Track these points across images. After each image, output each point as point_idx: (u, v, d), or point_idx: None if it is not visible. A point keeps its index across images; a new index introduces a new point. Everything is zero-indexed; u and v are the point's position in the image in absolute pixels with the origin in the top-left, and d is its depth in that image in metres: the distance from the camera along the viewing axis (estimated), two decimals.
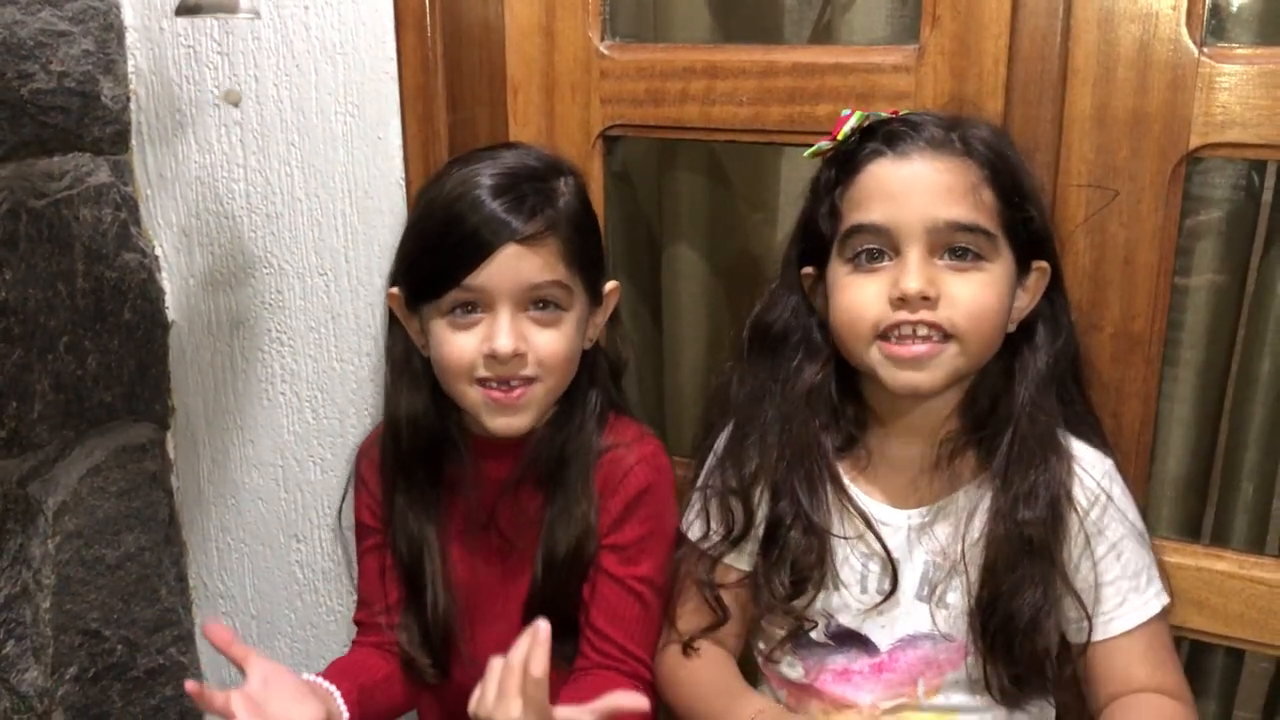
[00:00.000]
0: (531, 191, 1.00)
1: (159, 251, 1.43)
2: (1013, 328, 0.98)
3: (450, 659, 1.12)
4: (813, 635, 1.02)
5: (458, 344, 1.01)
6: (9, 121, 1.22)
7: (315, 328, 1.37)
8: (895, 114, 0.99)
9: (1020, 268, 0.96)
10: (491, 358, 1.00)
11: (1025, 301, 0.98)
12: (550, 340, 1.02)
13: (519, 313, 1.00)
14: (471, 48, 1.26)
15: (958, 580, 0.98)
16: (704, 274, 1.38)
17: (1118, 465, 1.01)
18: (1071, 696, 1.02)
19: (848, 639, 1.02)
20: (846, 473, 1.02)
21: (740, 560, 1.06)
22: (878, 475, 1.02)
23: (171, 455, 1.49)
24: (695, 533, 1.08)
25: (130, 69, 1.37)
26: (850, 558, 1.01)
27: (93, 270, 1.34)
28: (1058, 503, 0.95)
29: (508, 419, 1.03)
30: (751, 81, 1.18)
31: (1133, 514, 0.99)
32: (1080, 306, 1.07)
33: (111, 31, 1.34)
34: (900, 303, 0.91)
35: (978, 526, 0.97)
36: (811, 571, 1.00)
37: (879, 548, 0.99)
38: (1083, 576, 0.97)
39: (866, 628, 1.01)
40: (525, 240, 0.98)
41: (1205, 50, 1.01)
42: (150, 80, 1.37)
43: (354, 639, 1.17)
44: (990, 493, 0.97)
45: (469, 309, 1.01)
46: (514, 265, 0.99)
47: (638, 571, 1.06)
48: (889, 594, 0.99)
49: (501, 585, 1.11)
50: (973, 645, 0.98)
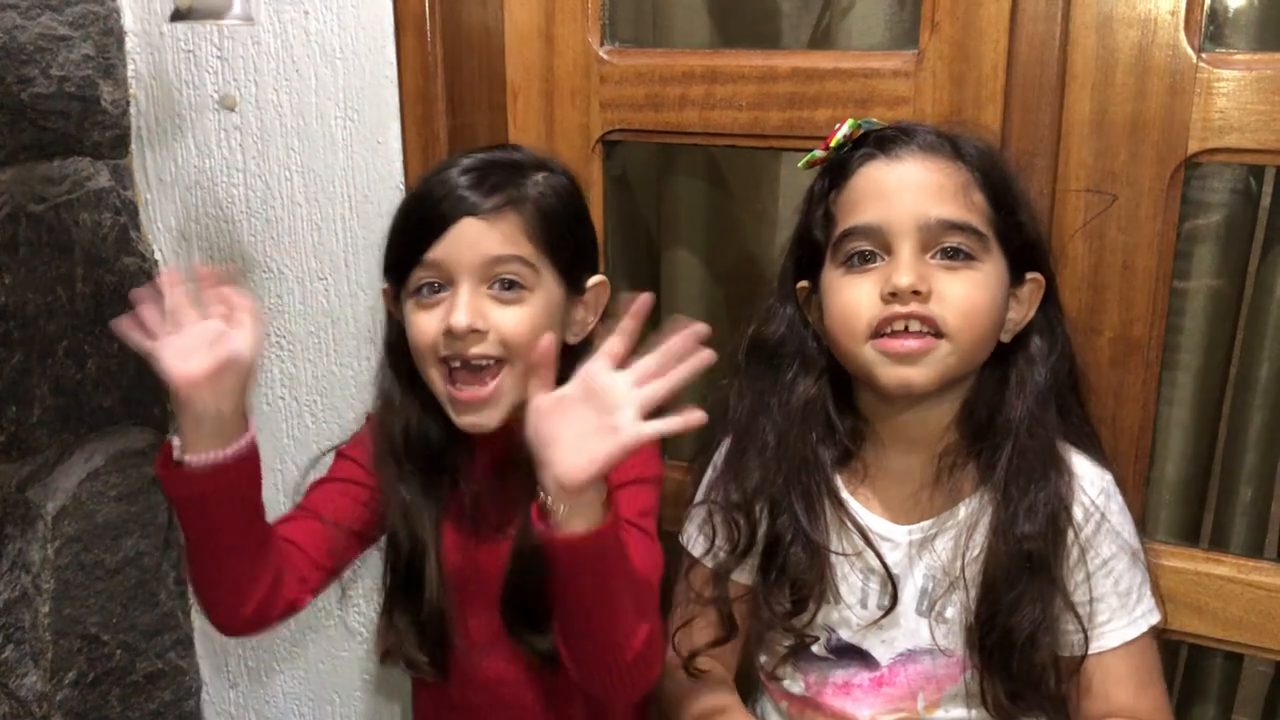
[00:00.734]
0: (498, 173, 1.00)
1: (159, 255, 1.43)
2: (1007, 338, 0.97)
3: (446, 655, 1.10)
4: (814, 649, 1.02)
5: (420, 323, 0.99)
6: (9, 126, 1.22)
7: (315, 332, 1.37)
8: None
9: (1014, 277, 0.96)
10: (449, 334, 0.98)
11: (1020, 313, 0.97)
12: (512, 318, 0.99)
13: (479, 288, 0.99)
14: (471, 52, 1.26)
15: (957, 595, 0.97)
16: (703, 278, 1.38)
17: (1117, 478, 1.00)
18: (1071, 711, 1.01)
19: (848, 653, 1.01)
20: (845, 486, 1.02)
21: (743, 574, 1.05)
22: (876, 489, 1.01)
23: None
24: (699, 548, 1.07)
25: (130, 73, 1.37)
26: (850, 574, 1.00)
27: (92, 274, 1.34)
28: (1057, 518, 0.95)
29: (474, 417, 1.00)
30: (751, 86, 1.18)
31: (1128, 531, 0.98)
32: (1079, 311, 1.08)
33: (111, 36, 1.34)
34: (892, 297, 0.91)
35: (978, 542, 0.96)
36: (812, 588, 0.99)
37: (878, 564, 0.98)
38: (1079, 590, 0.96)
39: (867, 642, 1.01)
40: (484, 214, 0.98)
41: (1203, 56, 1.01)
42: (150, 85, 1.37)
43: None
44: (990, 507, 0.96)
45: (434, 289, 1.00)
46: (472, 238, 0.98)
47: (636, 507, 1.02)
48: (888, 610, 0.99)
49: (490, 571, 1.09)
50: (971, 660, 0.97)
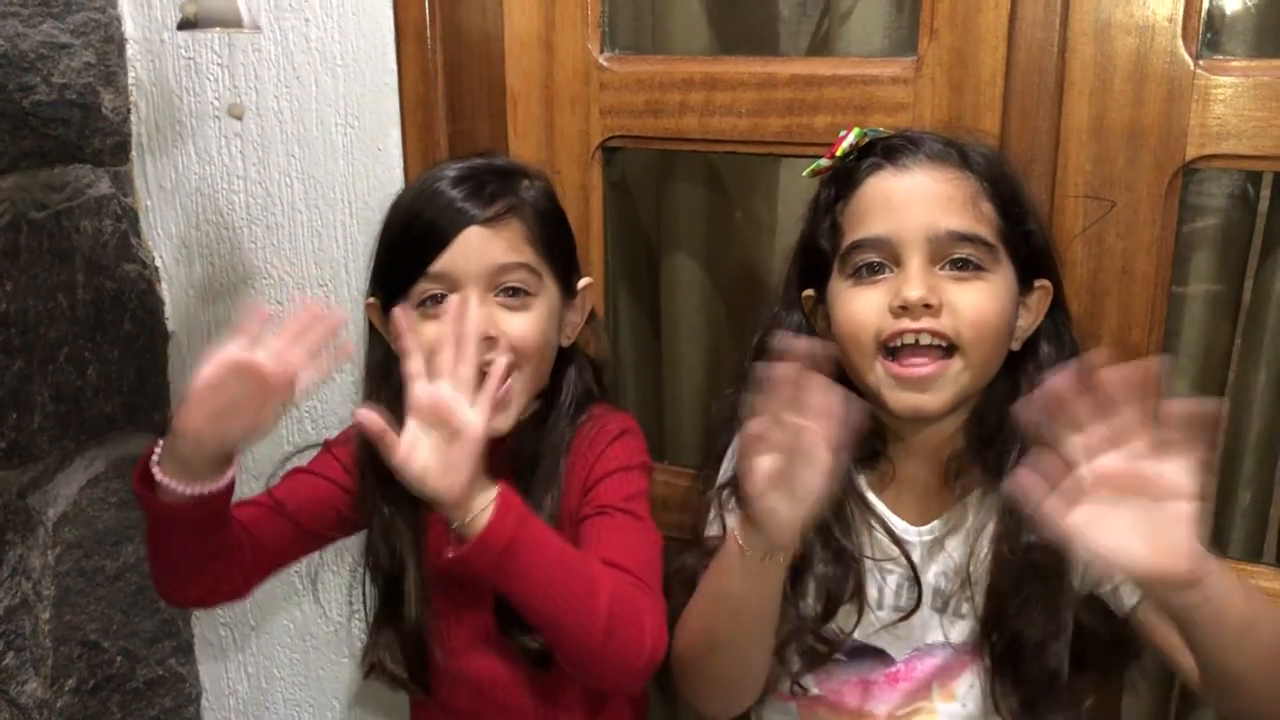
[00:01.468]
0: (491, 180, 1.00)
1: (159, 262, 1.43)
2: (1016, 346, 0.97)
3: (426, 672, 1.09)
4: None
5: (427, 335, 0.96)
6: (10, 133, 1.22)
7: None
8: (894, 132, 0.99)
9: (1022, 285, 0.95)
10: None
11: (1029, 320, 0.97)
12: (521, 324, 0.99)
13: (487, 296, 0.99)
14: (471, 59, 1.27)
15: (968, 594, 0.97)
16: (702, 284, 1.38)
17: None
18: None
19: (863, 652, 1.01)
20: (871, 487, 1.00)
21: None
22: (888, 489, 1.01)
23: None
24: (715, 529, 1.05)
25: (131, 81, 1.38)
26: (873, 573, 1.00)
27: (93, 281, 1.34)
28: None
29: (490, 422, 0.98)
30: (750, 93, 1.18)
31: None
32: (1078, 316, 1.07)
33: (112, 44, 1.34)
34: (902, 311, 0.90)
35: (985, 544, 0.96)
36: (846, 595, 0.97)
37: (905, 565, 0.98)
38: (1090, 574, 0.95)
39: (882, 641, 1.00)
40: (486, 223, 0.98)
41: (1201, 62, 1.02)
42: (151, 92, 1.37)
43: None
44: (996, 513, 0.96)
45: (438, 300, 0.99)
46: (478, 247, 0.98)
47: (621, 493, 1.02)
48: (912, 611, 0.98)
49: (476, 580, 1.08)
50: (983, 656, 0.97)
